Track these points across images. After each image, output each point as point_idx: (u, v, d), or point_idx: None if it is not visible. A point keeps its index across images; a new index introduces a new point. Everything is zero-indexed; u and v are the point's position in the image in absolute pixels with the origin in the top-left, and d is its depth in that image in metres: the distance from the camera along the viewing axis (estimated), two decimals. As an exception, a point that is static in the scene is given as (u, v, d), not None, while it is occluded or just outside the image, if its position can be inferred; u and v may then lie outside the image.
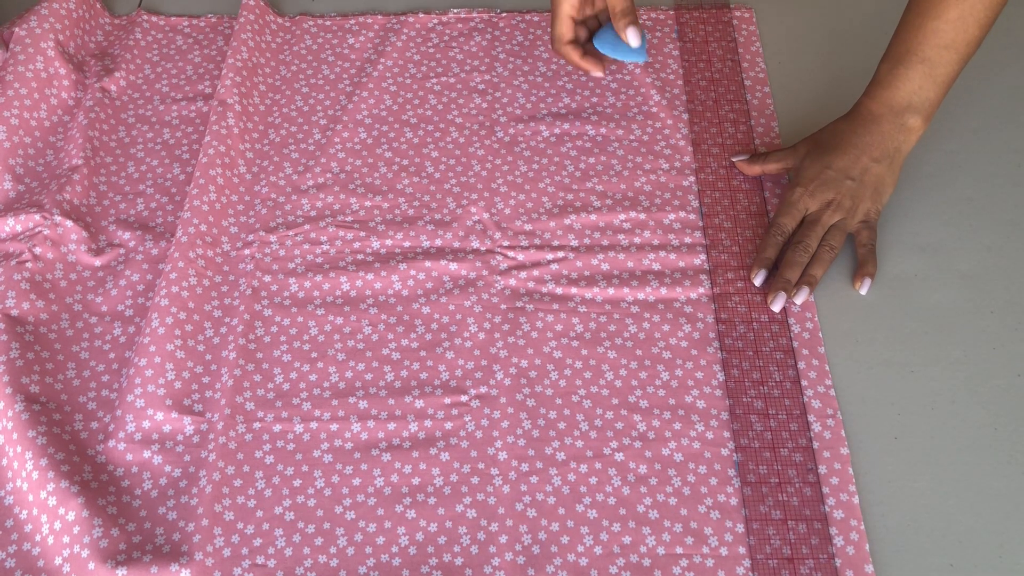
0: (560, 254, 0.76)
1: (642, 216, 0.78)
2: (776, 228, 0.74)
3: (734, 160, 0.80)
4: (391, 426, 0.68)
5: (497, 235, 0.78)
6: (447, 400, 0.69)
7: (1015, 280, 0.74)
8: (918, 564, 0.61)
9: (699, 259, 0.75)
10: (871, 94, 0.73)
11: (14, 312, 0.72)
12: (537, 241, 0.77)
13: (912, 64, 0.70)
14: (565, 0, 0.75)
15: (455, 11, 0.94)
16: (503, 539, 0.63)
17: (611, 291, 0.74)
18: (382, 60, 0.90)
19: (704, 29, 0.91)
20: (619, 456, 0.66)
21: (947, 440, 0.66)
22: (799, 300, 0.72)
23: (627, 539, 0.63)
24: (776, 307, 0.72)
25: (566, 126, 0.84)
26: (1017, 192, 0.79)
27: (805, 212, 0.74)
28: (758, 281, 0.73)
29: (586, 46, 0.79)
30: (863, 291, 0.73)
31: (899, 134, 0.72)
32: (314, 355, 0.72)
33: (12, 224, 0.77)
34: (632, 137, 0.83)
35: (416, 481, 0.66)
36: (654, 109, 0.85)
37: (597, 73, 0.78)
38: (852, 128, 0.74)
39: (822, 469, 0.65)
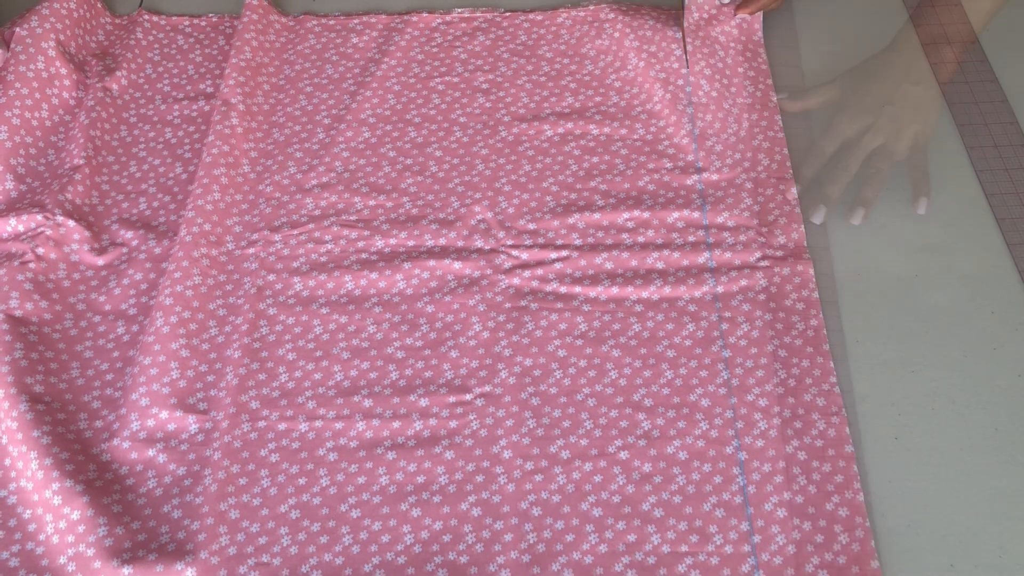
0: (564, 253, 0.76)
1: (646, 215, 0.78)
2: (815, 150, 0.74)
3: (776, 99, 0.80)
4: (396, 424, 0.68)
5: (501, 234, 0.78)
6: (451, 399, 0.69)
7: (1015, 280, 0.74)
8: (918, 564, 0.61)
9: (703, 257, 0.76)
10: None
11: (17, 312, 0.72)
12: (541, 240, 0.77)
13: None
14: None
15: (458, 11, 0.94)
16: (508, 537, 0.63)
17: (615, 290, 0.74)
18: (385, 59, 0.90)
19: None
20: (624, 454, 0.66)
21: (947, 440, 0.66)
22: (856, 221, 0.72)
23: (632, 537, 0.63)
24: (817, 220, 0.72)
25: (570, 125, 0.85)
26: (1018, 192, 0.79)
27: (843, 138, 0.74)
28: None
29: None
30: (920, 211, 0.73)
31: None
32: (319, 354, 0.72)
33: (14, 224, 0.77)
34: (636, 136, 0.83)
35: (421, 479, 0.66)
36: (658, 107, 0.85)
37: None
38: (890, 57, 0.74)
39: (826, 467, 0.65)
